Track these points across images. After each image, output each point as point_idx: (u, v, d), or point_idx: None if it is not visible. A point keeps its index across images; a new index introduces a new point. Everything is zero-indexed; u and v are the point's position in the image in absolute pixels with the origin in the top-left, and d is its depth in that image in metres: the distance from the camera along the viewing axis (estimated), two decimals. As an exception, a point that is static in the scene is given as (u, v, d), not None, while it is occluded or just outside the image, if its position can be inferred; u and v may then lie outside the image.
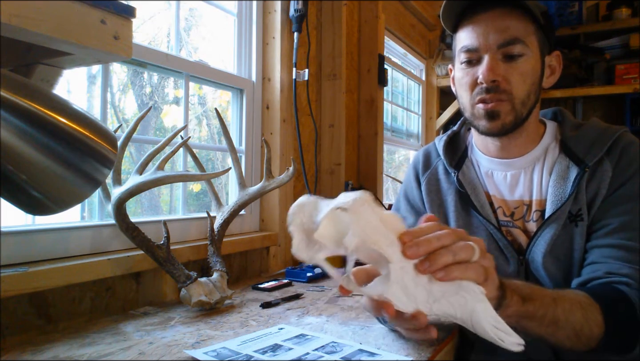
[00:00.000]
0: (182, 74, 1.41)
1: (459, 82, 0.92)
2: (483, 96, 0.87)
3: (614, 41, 3.08)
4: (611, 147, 0.88)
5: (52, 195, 0.64)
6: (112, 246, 1.14)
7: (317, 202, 0.56)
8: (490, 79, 0.85)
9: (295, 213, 0.54)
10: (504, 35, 0.85)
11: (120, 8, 0.73)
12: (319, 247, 0.53)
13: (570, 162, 0.90)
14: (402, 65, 3.02)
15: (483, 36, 0.86)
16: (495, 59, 0.86)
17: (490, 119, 0.88)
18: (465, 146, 1.03)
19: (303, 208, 0.55)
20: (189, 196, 1.51)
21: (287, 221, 0.55)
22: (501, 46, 0.86)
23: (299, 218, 0.54)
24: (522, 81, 0.87)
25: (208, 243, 1.22)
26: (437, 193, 1.01)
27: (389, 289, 0.53)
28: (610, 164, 0.87)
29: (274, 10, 1.70)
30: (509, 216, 0.94)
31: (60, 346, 0.86)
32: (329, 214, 0.53)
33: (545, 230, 0.88)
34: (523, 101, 0.88)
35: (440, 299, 0.54)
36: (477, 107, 0.89)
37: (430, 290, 0.54)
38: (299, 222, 0.54)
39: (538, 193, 0.92)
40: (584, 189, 0.87)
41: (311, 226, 0.53)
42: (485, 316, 0.54)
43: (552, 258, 0.87)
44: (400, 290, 0.53)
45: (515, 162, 0.94)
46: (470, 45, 0.88)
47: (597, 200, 0.86)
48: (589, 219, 0.87)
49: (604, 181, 0.86)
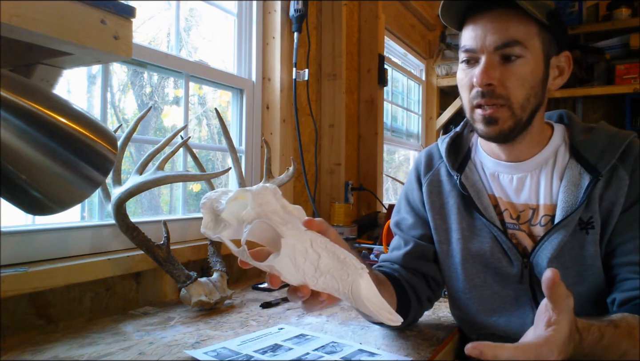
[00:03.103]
0: (182, 74, 1.41)
1: (460, 83, 0.91)
2: (479, 100, 0.86)
3: (614, 41, 3.08)
4: (624, 155, 0.87)
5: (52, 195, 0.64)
6: (112, 246, 1.14)
7: (227, 191, 0.62)
8: (485, 82, 0.84)
9: (207, 197, 0.61)
10: (501, 37, 0.83)
11: (120, 8, 0.73)
12: (224, 226, 0.60)
13: (582, 168, 0.88)
14: (402, 65, 3.02)
15: (481, 37, 0.85)
16: (492, 62, 0.84)
17: (487, 124, 0.87)
18: (469, 147, 1.02)
19: (215, 194, 0.61)
20: (189, 196, 1.51)
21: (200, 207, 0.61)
22: (498, 48, 0.84)
23: (209, 201, 0.60)
24: (520, 85, 0.84)
25: (208, 243, 1.22)
26: (439, 195, 1.01)
27: (280, 262, 0.57)
28: (626, 172, 0.86)
29: (274, 10, 1.70)
30: (514, 219, 0.93)
31: (60, 346, 0.86)
32: (235, 194, 0.59)
33: (553, 235, 0.87)
34: (522, 105, 0.85)
35: (325, 274, 0.59)
36: (476, 111, 0.88)
37: (317, 266, 0.59)
38: (209, 204, 0.60)
39: (547, 197, 0.91)
40: (597, 197, 0.86)
41: (219, 208, 0.60)
42: (364, 292, 0.59)
43: (558, 263, 0.86)
44: (290, 264, 0.58)
45: (521, 166, 0.93)
46: (469, 46, 0.87)
47: (616, 209, 0.85)
48: (608, 229, 0.86)
49: (621, 190, 0.85)
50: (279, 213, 0.59)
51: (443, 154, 1.01)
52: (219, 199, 0.60)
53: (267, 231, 0.60)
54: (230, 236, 0.60)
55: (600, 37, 3.16)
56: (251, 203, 0.58)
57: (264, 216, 0.58)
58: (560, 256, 0.86)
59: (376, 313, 0.60)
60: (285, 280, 0.59)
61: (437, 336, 0.95)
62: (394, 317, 0.60)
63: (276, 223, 0.58)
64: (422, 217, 1.03)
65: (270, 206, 0.59)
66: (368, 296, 0.59)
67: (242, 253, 0.59)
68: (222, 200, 0.60)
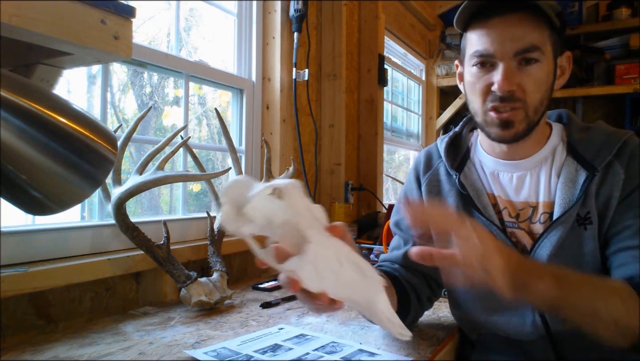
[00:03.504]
0: (182, 74, 1.41)
1: (471, 87, 0.91)
2: (497, 104, 0.86)
3: (614, 41, 3.08)
4: (620, 151, 0.88)
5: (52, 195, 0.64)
6: (112, 246, 1.14)
7: (251, 181, 0.59)
8: (507, 89, 0.84)
9: (229, 187, 0.57)
10: (521, 43, 0.83)
11: (120, 8, 0.73)
12: (246, 221, 0.56)
13: (578, 165, 0.89)
14: (402, 65, 3.02)
15: (498, 43, 0.84)
16: (511, 68, 0.84)
17: (503, 127, 0.87)
18: (468, 147, 1.03)
19: (237, 184, 0.57)
20: (189, 196, 1.51)
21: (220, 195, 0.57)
22: (517, 54, 0.84)
23: (232, 192, 0.56)
24: (537, 89, 0.86)
25: (208, 243, 1.22)
26: (438, 194, 1.01)
27: (303, 268, 0.56)
28: (621, 167, 0.87)
29: (274, 10, 1.70)
30: (514, 218, 0.93)
31: (60, 346, 0.86)
32: (264, 191, 0.56)
33: (552, 232, 0.87)
34: (536, 108, 0.87)
35: (346, 285, 0.58)
36: (490, 114, 0.88)
37: (339, 275, 0.58)
38: (232, 195, 0.56)
39: (546, 194, 0.91)
40: (593, 192, 0.87)
41: (242, 201, 0.56)
42: (381, 307, 0.59)
43: (558, 260, 0.86)
44: (312, 270, 0.57)
45: (522, 164, 0.94)
46: (484, 51, 0.86)
47: (612, 203, 0.86)
48: (604, 224, 0.86)
49: (616, 184, 0.86)
50: (305, 214, 0.57)
51: (442, 154, 1.02)
52: (243, 191, 0.57)
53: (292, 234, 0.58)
54: (251, 233, 0.57)
55: (600, 37, 3.16)
56: (283, 202, 0.56)
57: (293, 218, 0.56)
58: (560, 253, 0.87)
59: (389, 327, 0.60)
60: (305, 286, 0.57)
61: (437, 336, 0.95)
62: (405, 332, 0.61)
63: (304, 227, 0.56)
64: None
65: (299, 206, 0.57)
66: (384, 311, 0.59)
67: (267, 255, 0.57)
68: (246, 192, 0.57)
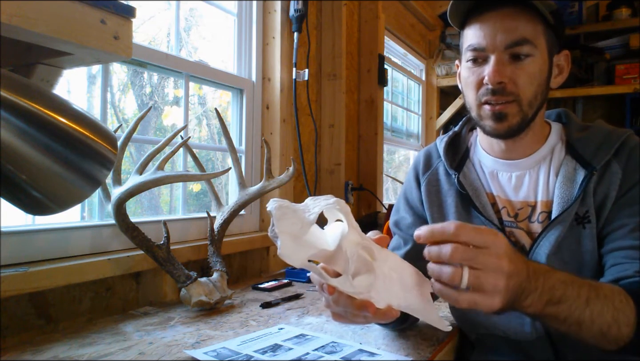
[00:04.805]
0: (182, 74, 1.41)
1: (465, 81, 0.92)
2: (489, 97, 0.87)
3: (614, 41, 3.08)
4: (619, 150, 0.88)
5: (52, 195, 0.64)
6: (112, 246, 1.14)
7: (292, 205, 0.57)
8: (497, 80, 0.85)
9: (280, 218, 0.55)
10: (512, 36, 0.85)
11: (120, 8, 0.73)
12: (305, 247, 0.55)
13: (577, 164, 0.89)
14: (402, 65, 3.02)
15: (490, 36, 0.86)
16: (502, 60, 0.85)
17: (497, 120, 0.88)
18: (467, 146, 1.03)
19: (286, 212, 0.55)
20: (189, 196, 1.51)
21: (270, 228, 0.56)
22: (509, 47, 0.85)
23: (284, 222, 0.54)
24: (529, 83, 0.86)
25: (208, 243, 1.22)
26: (437, 194, 1.01)
27: (374, 286, 0.58)
28: (619, 166, 0.87)
29: (274, 10, 1.70)
30: (512, 217, 0.93)
31: (60, 346, 0.86)
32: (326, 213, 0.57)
33: (550, 231, 0.88)
34: (530, 102, 0.87)
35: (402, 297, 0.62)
36: (484, 107, 0.89)
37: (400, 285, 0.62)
38: (285, 226, 0.54)
39: (544, 193, 0.91)
40: (592, 191, 0.87)
41: (298, 229, 0.54)
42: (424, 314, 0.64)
43: (557, 259, 0.87)
44: (382, 287, 0.59)
45: (521, 163, 0.94)
46: (477, 45, 0.87)
47: (608, 202, 0.86)
48: (600, 222, 0.86)
49: (613, 183, 0.86)
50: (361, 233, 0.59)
51: (441, 153, 1.02)
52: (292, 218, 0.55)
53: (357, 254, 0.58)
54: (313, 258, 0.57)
55: (600, 37, 3.16)
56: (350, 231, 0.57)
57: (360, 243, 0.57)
58: (559, 252, 0.87)
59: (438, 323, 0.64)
60: (376, 304, 0.58)
61: (437, 336, 0.95)
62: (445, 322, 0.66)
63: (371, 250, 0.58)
64: (421, 216, 1.03)
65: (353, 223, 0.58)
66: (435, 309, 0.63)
67: (345, 283, 0.57)
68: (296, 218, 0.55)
